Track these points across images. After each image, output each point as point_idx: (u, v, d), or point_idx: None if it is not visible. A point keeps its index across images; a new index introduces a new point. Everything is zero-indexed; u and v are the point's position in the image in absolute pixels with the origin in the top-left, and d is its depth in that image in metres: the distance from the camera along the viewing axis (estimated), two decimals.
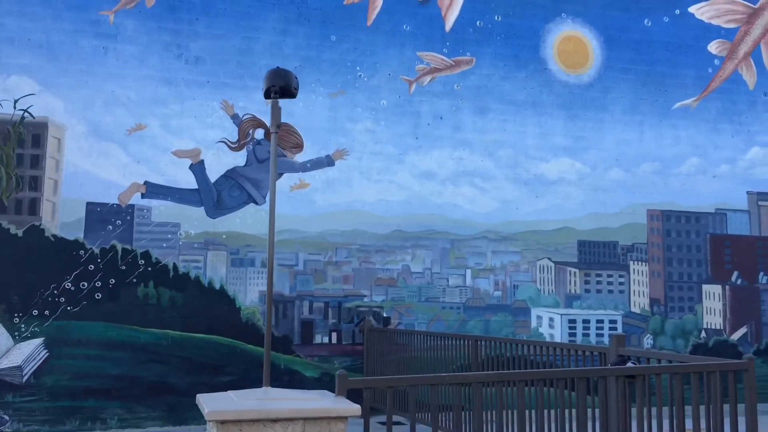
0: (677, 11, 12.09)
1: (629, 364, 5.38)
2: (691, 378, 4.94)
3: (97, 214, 9.62)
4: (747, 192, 12.20)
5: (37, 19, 9.59)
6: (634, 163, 11.78)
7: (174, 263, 9.84)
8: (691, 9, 12.16)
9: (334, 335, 10.49)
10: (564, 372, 5.04)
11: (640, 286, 11.69)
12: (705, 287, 11.91)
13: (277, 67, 5.33)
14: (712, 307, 11.87)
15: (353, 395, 4.53)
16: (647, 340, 11.56)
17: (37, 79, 9.55)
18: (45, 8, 9.63)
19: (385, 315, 10.64)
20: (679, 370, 4.89)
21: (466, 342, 7.99)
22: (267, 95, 5.08)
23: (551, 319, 11.23)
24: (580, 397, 4.71)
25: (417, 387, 5.11)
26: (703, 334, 11.76)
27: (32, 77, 9.53)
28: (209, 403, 4.35)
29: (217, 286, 10.00)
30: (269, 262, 5.14)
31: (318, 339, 10.40)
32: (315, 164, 10.57)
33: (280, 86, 5.04)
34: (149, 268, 9.70)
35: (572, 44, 11.64)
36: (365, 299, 10.62)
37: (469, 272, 11.09)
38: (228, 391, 4.74)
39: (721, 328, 11.85)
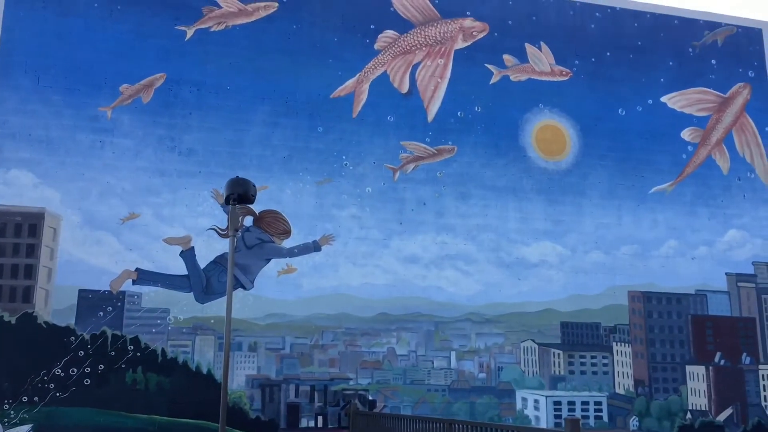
0: (650, 101, 12.67)
1: None
2: None
3: (89, 301, 9.93)
4: (726, 273, 12.47)
5: (38, 116, 10.16)
6: (614, 246, 12.11)
7: (162, 348, 10.07)
8: (664, 99, 12.74)
9: (320, 419, 10.60)
10: None
11: (623, 367, 11.82)
12: (688, 368, 12.03)
13: (237, 176, 5.78)
14: (697, 388, 11.97)
15: None
16: (633, 422, 11.61)
17: (36, 172, 10.05)
18: (46, 106, 10.22)
19: (370, 398, 10.77)
20: None
21: (441, 425, 8.14)
22: (227, 201, 5.53)
23: (536, 401, 11.33)
24: None
25: None
26: (688, 415, 11.81)
27: (31, 171, 10.03)
28: None
29: (205, 371, 10.19)
30: (226, 342, 5.39)
31: (304, 422, 10.52)
32: (302, 249, 10.92)
33: (239, 194, 5.49)
34: (138, 354, 9.93)
35: (550, 133, 12.16)
36: (351, 382, 10.78)
37: (453, 354, 11.27)
38: None
39: (707, 409, 11.91)
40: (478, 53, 12.05)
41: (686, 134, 12.72)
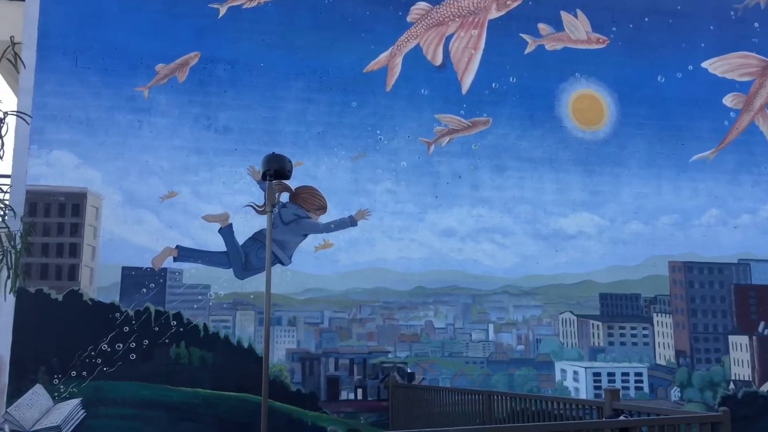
0: (690, 67, 12.36)
1: (622, 417, 5.55)
2: (665, 430, 5.12)
3: (132, 278, 10.15)
4: None
5: (77, 98, 10.33)
6: (653, 216, 11.92)
7: (204, 323, 10.27)
8: (704, 64, 12.42)
9: (359, 391, 10.73)
10: (559, 425, 5.24)
11: (664, 338, 11.70)
12: (731, 338, 11.87)
13: (273, 152, 5.80)
14: (740, 358, 11.81)
15: None
16: (674, 393, 11.52)
17: (77, 152, 10.25)
18: (84, 87, 10.39)
19: (409, 370, 10.85)
20: (656, 423, 5.10)
21: (480, 397, 8.19)
22: (264, 177, 5.57)
23: (575, 373, 11.30)
24: None
25: None
26: (731, 385, 11.67)
27: (72, 151, 10.23)
28: None
29: (246, 345, 10.37)
30: (266, 316, 5.47)
31: (344, 395, 10.65)
32: (338, 225, 10.98)
33: (275, 169, 5.52)
34: (181, 329, 10.14)
35: (587, 102, 11.97)
36: (389, 355, 10.87)
37: (491, 327, 11.28)
38: None
39: (750, 379, 11.75)
40: (512, 23, 11.87)
41: (728, 100, 12.40)
